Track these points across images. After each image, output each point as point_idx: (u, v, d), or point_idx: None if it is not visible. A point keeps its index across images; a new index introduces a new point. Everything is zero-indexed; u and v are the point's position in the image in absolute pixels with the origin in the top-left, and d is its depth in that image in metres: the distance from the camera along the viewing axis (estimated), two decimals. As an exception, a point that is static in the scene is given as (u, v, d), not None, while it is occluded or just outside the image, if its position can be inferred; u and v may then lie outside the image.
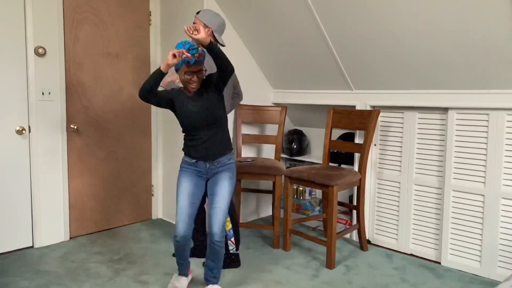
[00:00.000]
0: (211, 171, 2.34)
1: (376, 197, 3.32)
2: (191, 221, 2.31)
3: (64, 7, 3.20)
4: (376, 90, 3.20)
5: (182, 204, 2.29)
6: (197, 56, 2.13)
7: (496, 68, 2.49)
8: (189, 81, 2.19)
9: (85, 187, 3.44)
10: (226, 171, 2.34)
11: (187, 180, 2.33)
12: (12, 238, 3.08)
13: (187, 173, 2.35)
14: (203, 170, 2.34)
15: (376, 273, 2.80)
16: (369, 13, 2.70)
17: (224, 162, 2.34)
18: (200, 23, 2.63)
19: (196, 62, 2.14)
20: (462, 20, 2.39)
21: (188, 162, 2.36)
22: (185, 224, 2.27)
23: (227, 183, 2.32)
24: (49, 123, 3.16)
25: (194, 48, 2.12)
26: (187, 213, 2.28)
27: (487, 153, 2.70)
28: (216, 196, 2.30)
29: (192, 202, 2.31)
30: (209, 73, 2.32)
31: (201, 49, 2.16)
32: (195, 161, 2.33)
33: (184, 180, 2.33)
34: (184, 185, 2.32)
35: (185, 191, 2.31)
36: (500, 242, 2.68)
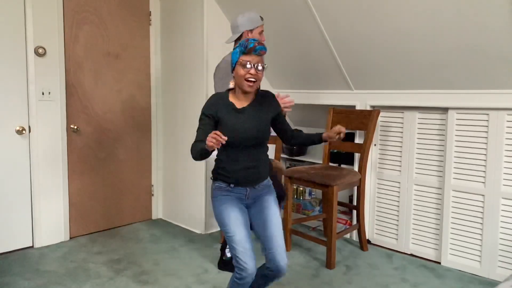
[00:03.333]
0: (252, 195, 1.99)
1: (376, 197, 3.32)
2: (253, 253, 1.89)
3: (64, 7, 3.20)
4: (376, 90, 3.20)
5: (241, 238, 1.86)
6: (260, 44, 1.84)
7: (496, 68, 2.49)
8: (245, 76, 1.83)
9: (85, 187, 3.44)
10: (268, 194, 2.02)
11: (234, 209, 1.92)
12: (12, 238, 3.08)
13: (230, 200, 1.95)
14: (243, 195, 1.97)
15: (376, 273, 2.80)
16: (369, 13, 2.70)
17: (265, 184, 2.03)
18: None
19: (256, 49, 1.82)
20: (462, 20, 2.39)
21: (223, 188, 1.96)
22: (252, 260, 1.85)
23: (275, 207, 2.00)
24: (49, 123, 3.16)
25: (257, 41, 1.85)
26: (249, 247, 1.87)
27: (487, 153, 2.70)
28: (267, 224, 1.94)
29: (248, 232, 1.92)
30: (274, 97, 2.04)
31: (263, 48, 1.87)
32: (232, 186, 1.95)
33: (231, 209, 1.92)
34: (232, 214, 1.90)
35: (235, 222, 1.89)
36: (500, 242, 2.68)
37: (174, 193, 3.83)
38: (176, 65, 3.70)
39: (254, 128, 1.90)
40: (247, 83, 1.85)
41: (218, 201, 1.95)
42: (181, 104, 3.67)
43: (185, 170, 3.67)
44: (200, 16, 3.40)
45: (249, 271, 1.83)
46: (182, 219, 3.75)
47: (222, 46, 3.53)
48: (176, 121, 3.74)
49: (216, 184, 1.98)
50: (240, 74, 1.84)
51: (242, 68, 1.83)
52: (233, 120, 1.88)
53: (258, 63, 1.84)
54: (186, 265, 2.89)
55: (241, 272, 1.84)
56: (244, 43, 1.84)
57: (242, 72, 1.83)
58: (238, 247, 1.85)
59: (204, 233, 3.54)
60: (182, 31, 3.59)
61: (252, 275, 1.86)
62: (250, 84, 1.85)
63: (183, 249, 3.18)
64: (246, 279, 1.86)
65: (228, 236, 1.88)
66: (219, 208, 1.93)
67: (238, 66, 1.85)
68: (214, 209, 1.96)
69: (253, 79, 1.84)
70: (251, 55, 1.83)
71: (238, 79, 1.87)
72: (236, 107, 1.91)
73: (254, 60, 1.83)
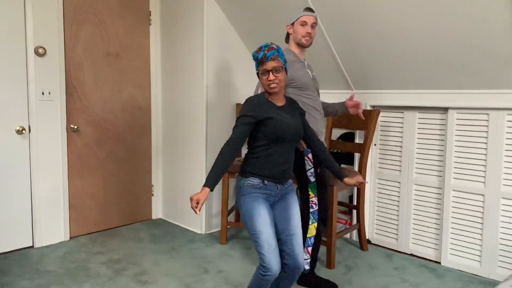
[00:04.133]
0: (280, 192, 2.06)
1: (376, 197, 3.32)
2: (278, 252, 1.94)
3: (64, 7, 3.20)
4: (376, 90, 3.20)
5: (268, 236, 1.90)
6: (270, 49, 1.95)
7: (496, 68, 2.49)
8: (267, 83, 1.97)
9: (85, 187, 3.44)
10: (292, 192, 2.11)
11: (263, 208, 1.96)
12: (12, 238, 3.08)
13: (259, 199, 1.98)
14: (273, 192, 2.03)
15: (376, 273, 2.80)
16: (369, 13, 2.70)
17: (290, 182, 2.11)
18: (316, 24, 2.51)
19: (267, 57, 1.93)
20: (462, 20, 2.39)
21: (255, 185, 1.99)
22: (277, 258, 1.90)
23: (297, 204, 2.09)
24: (49, 123, 3.16)
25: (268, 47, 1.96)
26: (275, 245, 1.92)
27: (487, 153, 2.70)
28: (292, 221, 2.02)
29: (274, 231, 1.96)
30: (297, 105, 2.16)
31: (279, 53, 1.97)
32: (264, 183, 1.99)
33: (260, 207, 1.95)
34: (261, 212, 1.94)
35: (263, 220, 1.93)
36: (500, 242, 2.68)
37: (174, 193, 3.83)
38: (176, 65, 3.70)
39: (296, 125, 2.03)
40: (270, 86, 1.98)
41: (249, 198, 1.97)
42: (181, 104, 3.67)
43: (185, 170, 3.67)
44: (200, 16, 3.40)
45: (274, 269, 1.87)
46: (182, 219, 3.75)
47: (222, 46, 3.54)
48: (176, 121, 3.74)
49: (248, 181, 2.00)
50: (263, 82, 2.00)
51: (262, 77, 1.98)
52: (280, 116, 1.98)
53: (274, 68, 1.95)
54: (186, 265, 2.89)
55: (265, 270, 1.88)
56: (256, 54, 1.97)
57: (264, 80, 1.98)
58: (264, 245, 1.88)
59: (204, 233, 3.54)
60: (182, 31, 3.60)
61: (276, 274, 1.89)
62: (272, 86, 1.97)
63: (183, 249, 3.18)
64: (270, 277, 1.89)
65: (254, 233, 1.92)
66: (251, 204, 1.96)
67: (260, 76, 2.00)
68: (244, 205, 1.97)
69: (274, 85, 1.97)
70: (265, 63, 1.95)
71: (264, 86, 2.01)
72: (278, 105, 2.03)
73: (270, 66, 1.94)
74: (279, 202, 2.06)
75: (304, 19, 2.45)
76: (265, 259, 1.87)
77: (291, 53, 2.51)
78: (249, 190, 1.98)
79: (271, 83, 1.95)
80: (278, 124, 1.95)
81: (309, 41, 2.48)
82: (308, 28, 2.46)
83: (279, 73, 1.95)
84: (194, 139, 3.55)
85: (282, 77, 1.97)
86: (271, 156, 1.98)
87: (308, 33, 2.46)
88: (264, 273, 1.89)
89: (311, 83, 2.52)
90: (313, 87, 2.54)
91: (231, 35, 3.61)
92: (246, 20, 3.46)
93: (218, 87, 3.52)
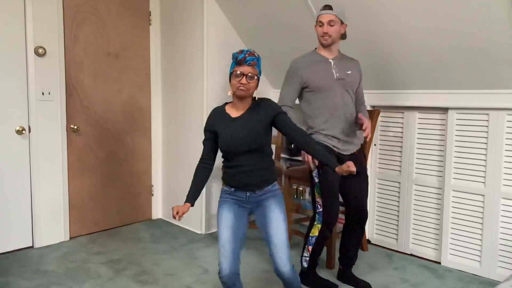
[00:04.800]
0: (253, 199, 2.05)
1: (376, 197, 3.32)
2: (236, 256, 1.99)
3: (64, 7, 3.20)
4: (376, 90, 3.20)
5: (224, 239, 1.98)
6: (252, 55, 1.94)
7: (496, 68, 2.49)
8: (237, 86, 1.94)
9: (85, 187, 3.44)
10: (273, 197, 2.05)
11: (227, 212, 2.03)
12: (12, 238, 3.08)
13: (227, 203, 2.05)
14: (243, 199, 2.05)
15: (376, 273, 2.80)
16: (369, 13, 2.70)
17: (268, 189, 2.05)
18: (336, 19, 2.39)
19: (246, 60, 1.93)
20: (462, 20, 2.39)
21: (227, 191, 2.07)
22: (229, 262, 1.95)
23: (278, 210, 2.03)
24: (49, 123, 3.16)
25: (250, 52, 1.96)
26: (230, 249, 1.97)
27: (487, 153, 2.70)
28: (269, 227, 2.00)
29: (234, 235, 2.00)
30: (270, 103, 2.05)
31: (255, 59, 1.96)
32: (234, 190, 2.05)
33: (224, 211, 2.03)
34: (224, 216, 2.02)
35: (224, 224, 2.00)
36: (500, 242, 2.68)
37: (174, 193, 3.83)
38: (176, 65, 3.70)
39: (247, 134, 1.97)
40: (238, 90, 1.95)
41: (220, 203, 2.08)
42: (181, 103, 3.67)
43: (185, 170, 3.67)
44: (200, 16, 3.40)
45: (223, 272, 1.95)
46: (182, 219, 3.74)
47: (222, 46, 3.54)
48: (176, 121, 3.74)
49: (222, 188, 2.11)
50: (233, 83, 1.96)
51: (234, 78, 1.95)
52: (227, 129, 1.99)
53: (249, 73, 1.93)
54: (186, 265, 2.89)
55: (218, 272, 1.98)
56: (237, 54, 1.95)
57: (235, 82, 1.95)
58: (220, 247, 1.99)
59: (204, 233, 3.54)
60: (182, 31, 3.60)
61: (228, 279, 1.96)
62: (242, 89, 1.94)
63: (183, 249, 3.18)
64: (223, 279, 1.97)
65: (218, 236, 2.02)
66: (218, 210, 2.07)
67: (232, 76, 1.96)
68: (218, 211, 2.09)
69: (244, 89, 1.94)
70: (243, 66, 1.94)
71: (232, 88, 1.98)
72: (231, 117, 2.02)
73: (246, 70, 1.93)
74: (257, 209, 2.06)
75: (320, 19, 2.40)
76: (219, 262, 1.97)
77: (314, 54, 2.48)
78: (223, 195, 2.09)
79: (241, 86, 1.93)
80: (225, 139, 1.98)
81: (328, 40, 2.40)
82: (324, 27, 2.38)
83: (252, 80, 1.94)
84: (194, 139, 3.55)
85: (253, 85, 1.96)
86: (235, 167, 2.01)
87: (325, 33, 2.39)
88: (218, 274, 1.98)
89: (334, 84, 2.42)
90: (338, 88, 2.43)
91: (231, 35, 3.61)
92: (246, 20, 3.46)
93: (218, 87, 3.52)
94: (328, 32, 2.39)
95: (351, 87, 2.49)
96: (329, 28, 2.38)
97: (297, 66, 2.48)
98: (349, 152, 2.48)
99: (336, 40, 2.44)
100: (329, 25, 2.38)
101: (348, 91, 2.48)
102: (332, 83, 2.43)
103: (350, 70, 2.48)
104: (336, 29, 2.40)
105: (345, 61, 2.51)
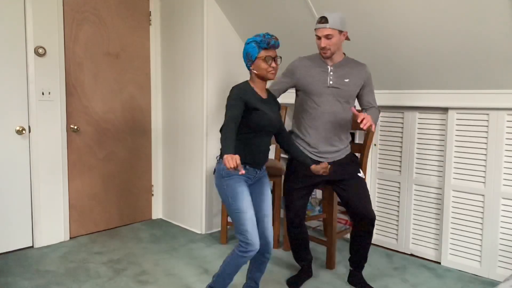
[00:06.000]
0: (257, 177, 2.20)
1: (376, 197, 3.32)
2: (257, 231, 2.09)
3: (64, 7, 3.20)
4: (376, 90, 3.19)
5: (251, 214, 2.04)
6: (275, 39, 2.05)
7: (496, 68, 2.49)
8: (269, 68, 2.05)
9: (85, 187, 3.44)
10: (266, 176, 2.27)
11: (245, 189, 2.08)
12: (12, 238, 3.08)
13: (241, 181, 2.09)
14: (251, 176, 2.16)
15: (376, 273, 2.80)
16: (369, 13, 2.70)
17: (263, 168, 2.25)
18: (334, 32, 2.30)
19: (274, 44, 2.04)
20: (462, 20, 2.39)
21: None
22: (256, 235, 2.04)
23: (269, 187, 2.25)
24: (49, 123, 3.16)
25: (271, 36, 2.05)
26: (255, 224, 2.05)
27: (487, 153, 2.70)
28: (265, 202, 2.19)
29: (253, 212, 2.08)
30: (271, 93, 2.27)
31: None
32: (248, 168, 2.11)
33: (243, 189, 2.07)
34: (245, 193, 2.07)
35: (247, 201, 2.06)
36: (500, 242, 2.68)
37: (174, 193, 3.83)
38: (176, 65, 3.70)
39: (276, 117, 2.15)
40: (270, 73, 2.07)
41: (232, 180, 2.06)
42: (181, 103, 3.67)
43: (185, 170, 3.67)
44: (200, 16, 3.40)
45: (256, 244, 2.00)
46: (182, 219, 3.75)
47: (222, 46, 3.54)
48: (176, 121, 3.74)
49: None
50: (263, 67, 2.05)
51: (265, 63, 2.04)
52: (263, 108, 2.08)
53: (276, 56, 2.08)
54: (186, 265, 2.89)
55: (248, 246, 2.00)
56: (264, 39, 2.02)
57: (265, 65, 2.05)
58: (249, 223, 2.01)
59: (204, 233, 3.54)
60: (182, 31, 3.60)
61: (257, 249, 2.02)
62: (272, 72, 2.07)
63: (183, 249, 3.18)
64: (252, 253, 2.01)
65: (238, 212, 2.03)
66: (235, 186, 2.06)
67: (260, 60, 2.05)
68: (228, 187, 2.07)
69: (274, 72, 2.08)
70: (271, 50, 2.05)
71: (261, 72, 2.07)
72: (262, 98, 2.12)
73: (274, 54, 2.06)
74: (255, 185, 2.21)
75: (317, 33, 2.34)
76: (249, 236, 2.00)
77: (317, 58, 2.46)
78: (230, 172, 2.06)
79: (272, 70, 2.05)
80: (262, 116, 2.06)
81: (327, 53, 2.35)
82: (322, 42, 2.32)
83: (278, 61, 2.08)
84: (194, 139, 3.55)
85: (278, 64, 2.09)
86: (253, 144, 2.10)
87: (323, 47, 2.33)
88: (246, 249, 2.00)
89: (326, 91, 2.40)
90: (329, 96, 2.41)
91: (231, 35, 3.61)
92: (246, 20, 3.46)
93: (218, 87, 3.52)
94: (326, 46, 2.33)
95: (344, 97, 2.43)
96: (327, 42, 2.31)
97: (296, 64, 2.49)
98: (330, 160, 2.47)
99: (337, 50, 2.39)
100: (326, 38, 2.31)
101: (339, 101, 2.43)
102: (323, 90, 2.41)
103: (349, 78, 2.42)
104: (334, 41, 2.33)
105: (347, 67, 2.44)
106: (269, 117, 2.08)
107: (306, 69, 2.45)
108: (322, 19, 2.30)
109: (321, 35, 2.31)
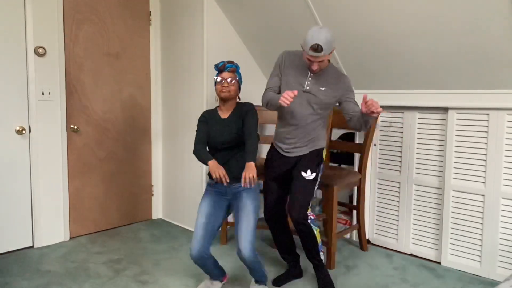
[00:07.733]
0: (231, 192, 2.35)
1: (376, 197, 3.32)
2: (206, 241, 2.27)
3: (64, 7, 3.20)
4: (376, 90, 3.20)
5: (198, 224, 2.29)
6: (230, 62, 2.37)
7: (496, 68, 2.49)
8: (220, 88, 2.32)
9: (85, 187, 3.44)
10: (247, 191, 2.32)
11: (206, 200, 2.36)
12: (12, 238, 3.08)
13: (208, 194, 2.39)
14: (222, 191, 2.36)
15: (376, 273, 2.80)
16: (369, 13, 2.70)
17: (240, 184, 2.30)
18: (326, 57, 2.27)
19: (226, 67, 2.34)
20: (462, 20, 2.39)
21: (209, 183, 2.41)
22: (198, 244, 2.24)
23: (250, 200, 2.29)
24: (49, 123, 3.16)
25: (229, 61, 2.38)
26: (201, 234, 2.26)
27: (487, 153, 2.70)
28: (242, 211, 2.27)
29: (208, 222, 2.29)
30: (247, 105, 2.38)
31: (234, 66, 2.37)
32: (214, 183, 2.37)
33: (206, 198, 2.37)
34: (205, 203, 2.35)
35: (203, 210, 2.32)
36: (500, 242, 2.68)
37: (174, 193, 3.83)
38: (176, 65, 3.70)
39: (227, 133, 2.33)
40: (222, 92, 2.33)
41: (206, 191, 2.42)
42: (181, 103, 3.67)
43: (185, 170, 3.67)
44: (200, 16, 3.40)
45: (193, 253, 2.23)
46: (182, 219, 3.75)
47: (222, 46, 3.54)
48: (176, 121, 3.74)
49: (208, 180, 2.44)
50: (217, 88, 2.35)
51: (218, 84, 2.33)
52: (216, 129, 2.37)
53: (229, 78, 2.32)
54: (186, 265, 2.89)
55: (190, 252, 2.25)
56: (217, 64, 2.35)
57: (218, 86, 2.33)
58: (196, 229, 2.28)
59: (204, 233, 3.54)
60: (182, 31, 3.60)
61: (194, 258, 2.24)
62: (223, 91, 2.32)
63: (183, 249, 3.18)
64: (192, 258, 2.24)
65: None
66: (204, 195, 2.40)
67: (217, 83, 2.33)
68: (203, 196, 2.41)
69: (225, 91, 2.31)
70: (223, 73, 2.33)
71: (217, 93, 2.36)
72: (221, 118, 2.40)
73: (226, 76, 2.32)
74: (236, 200, 2.34)
75: (309, 58, 2.27)
76: (192, 239, 2.26)
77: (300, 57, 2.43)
78: (207, 187, 2.43)
79: (224, 89, 2.31)
80: (212, 136, 2.36)
81: (317, 71, 2.34)
82: (314, 65, 2.29)
83: (233, 83, 2.32)
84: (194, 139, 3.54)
85: (234, 88, 2.34)
86: (216, 159, 2.30)
87: (315, 70, 2.32)
88: (190, 249, 2.25)
89: (301, 94, 2.39)
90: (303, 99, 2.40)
91: (231, 35, 3.61)
92: (247, 20, 3.46)
93: (218, 87, 3.52)
94: (317, 68, 2.32)
95: (318, 103, 2.41)
96: (319, 65, 2.30)
97: (282, 59, 2.48)
98: (293, 155, 2.52)
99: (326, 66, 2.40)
100: (319, 63, 2.28)
101: (312, 106, 2.41)
102: (299, 91, 2.40)
103: (326, 87, 2.39)
104: (326, 62, 2.35)
105: (327, 77, 2.41)
106: (217, 137, 2.34)
107: (290, 66, 2.45)
108: (317, 48, 2.19)
109: (314, 61, 2.27)
